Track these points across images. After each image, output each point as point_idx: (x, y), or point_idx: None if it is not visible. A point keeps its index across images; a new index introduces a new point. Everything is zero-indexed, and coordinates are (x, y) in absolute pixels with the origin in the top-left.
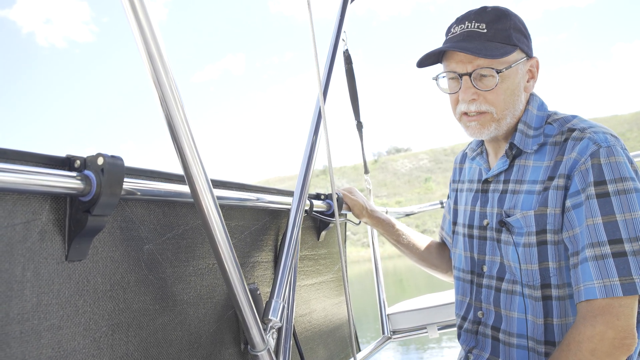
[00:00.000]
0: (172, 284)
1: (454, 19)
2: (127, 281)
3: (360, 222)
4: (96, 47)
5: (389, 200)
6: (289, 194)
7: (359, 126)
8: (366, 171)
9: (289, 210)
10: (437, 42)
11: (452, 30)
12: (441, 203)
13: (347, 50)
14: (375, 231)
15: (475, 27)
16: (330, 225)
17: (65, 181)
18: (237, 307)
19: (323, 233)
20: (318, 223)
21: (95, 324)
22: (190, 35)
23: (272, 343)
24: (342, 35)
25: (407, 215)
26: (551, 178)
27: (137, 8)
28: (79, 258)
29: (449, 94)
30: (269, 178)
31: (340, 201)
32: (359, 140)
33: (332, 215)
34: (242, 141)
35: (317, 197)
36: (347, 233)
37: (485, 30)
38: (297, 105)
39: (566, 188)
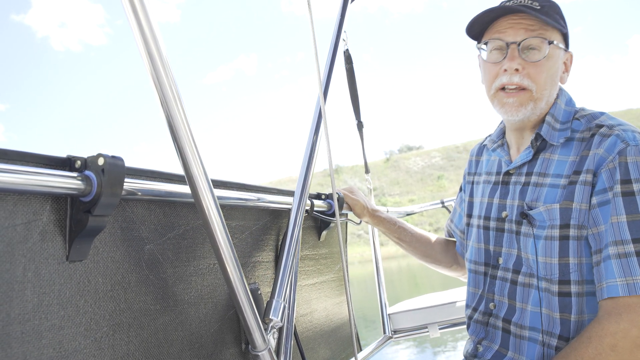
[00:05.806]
0: (173, 284)
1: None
2: (128, 281)
3: (361, 221)
4: (111, 50)
5: (402, 198)
6: (290, 193)
7: (360, 126)
8: (367, 171)
9: (289, 210)
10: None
11: (505, 3)
12: (442, 202)
13: (347, 50)
14: (376, 231)
15: (529, 3)
16: (331, 225)
17: (66, 181)
18: (238, 307)
19: (324, 233)
20: (319, 223)
21: (96, 324)
22: (203, 37)
23: (273, 343)
24: (343, 35)
25: (408, 214)
26: (577, 173)
27: (137, 8)
28: (79, 258)
29: (491, 63)
30: (281, 178)
31: (341, 201)
32: (359, 140)
33: (333, 215)
34: (255, 141)
35: (318, 196)
36: (359, 232)
37: (539, 7)
38: (309, 104)
39: (593, 185)
